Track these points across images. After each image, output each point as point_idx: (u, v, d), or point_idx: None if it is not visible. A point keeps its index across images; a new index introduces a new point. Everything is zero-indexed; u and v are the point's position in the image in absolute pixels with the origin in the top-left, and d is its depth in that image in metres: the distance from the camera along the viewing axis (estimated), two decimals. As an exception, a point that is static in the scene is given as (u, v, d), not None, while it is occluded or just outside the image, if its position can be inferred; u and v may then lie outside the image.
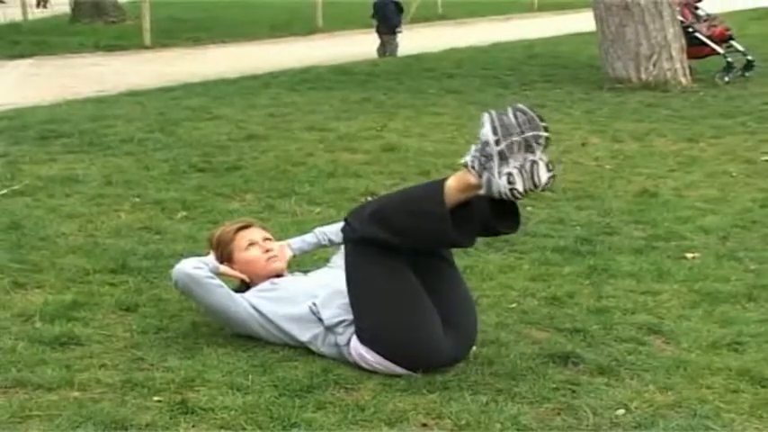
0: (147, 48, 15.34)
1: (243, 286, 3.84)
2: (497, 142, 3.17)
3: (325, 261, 4.16)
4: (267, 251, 3.85)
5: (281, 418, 3.03)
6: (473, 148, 3.24)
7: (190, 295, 3.70)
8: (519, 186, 3.17)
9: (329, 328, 3.51)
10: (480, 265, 4.65)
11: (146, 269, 4.45)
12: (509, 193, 3.18)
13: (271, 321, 3.61)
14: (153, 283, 4.28)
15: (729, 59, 11.35)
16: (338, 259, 3.92)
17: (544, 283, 4.44)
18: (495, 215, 3.34)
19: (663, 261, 4.80)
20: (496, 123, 3.19)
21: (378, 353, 3.40)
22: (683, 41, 11.00)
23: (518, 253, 4.89)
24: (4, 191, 5.81)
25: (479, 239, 5.00)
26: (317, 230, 4.12)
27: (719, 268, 4.70)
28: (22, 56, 14.04)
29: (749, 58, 11.44)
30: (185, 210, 5.53)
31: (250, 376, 3.33)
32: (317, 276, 3.83)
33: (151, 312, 3.94)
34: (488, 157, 3.19)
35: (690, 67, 11.06)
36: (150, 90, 10.28)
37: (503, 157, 3.17)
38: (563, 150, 7.45)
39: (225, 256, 3.84)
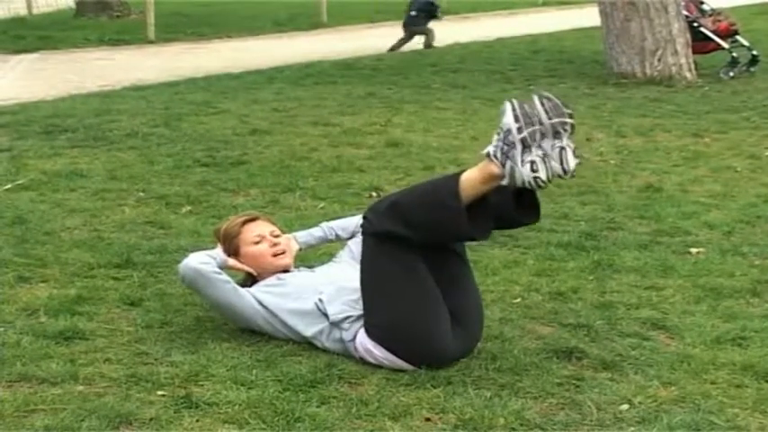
0: (151, 42, 15.32)
1: (249, 279, 3.84)
2: (519, 130, 3.17)
3: (330, 256, 4.15)
4: (274, 246, 3.84)
5: (285, 412, 3.04)
6: (495, 137, 3.23)
7: (196, 290, 3.71)
8: (542, 175, 3.16)
9: (335, 324, 3.51)
10: (485, 260, 4.65)
11: (150, 264, 4.46)
12: (533, 182, 3.17)
13: (276, 316, 3.61)
14: (157, 278, 4.29)
15: (734, 54, 11.33)
16: (344, 254, 3.92)
17: (548, 278, 4.44)
18: (516, 206, 3.35)
19: (667, 256, 4.79)
20: (518, 111, 3.19)
21: (386, 348, 3.40)
22: (688, 36, 10.98)
23: (522, 248, 4.89)
24: (9, 185, 5.82)
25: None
26: (324, 225, 4.12)
27: (724, 263, 4.69)
28: (26, 50, 14.03)
29: (754, 53, 11.41)
30: (190, 204, 5.53)
31: (254, 371, 3.33)
32: (323, 272, 3.83)
33: (155, 307, 3.95)
34: (511, 146, 3.18)
35: (694, 62, 11.04)
36: (154, 85, 10.28)
37: (525, 145, 3.17)
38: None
39: (232, 249, 3.82)
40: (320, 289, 3.61)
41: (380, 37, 15.29)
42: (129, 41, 15.33)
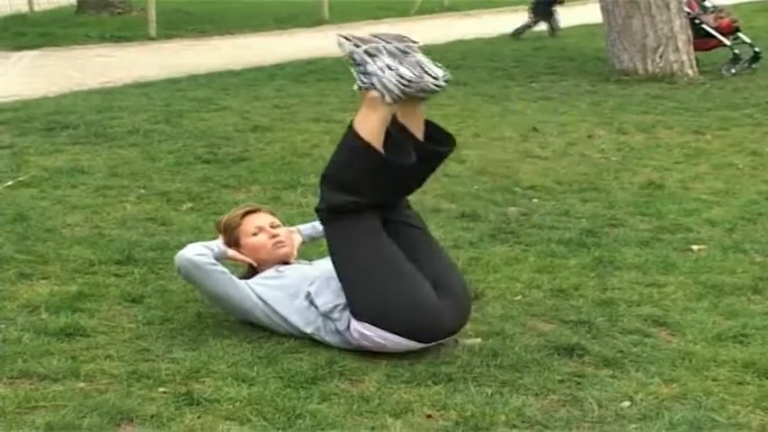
0: (152, 39, 15.28)
1: (250, 271, 3.84)
2: (357, 46, 3.41)
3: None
4: (274, 237, 3.85)
5: (286, 409, 3.04)
6: (353, 72, 3.44)
7: (192, 282, 3.71)
8: (404, 72, 3.35)
9: (325, 315, 3.52)
10: (486, 257, 4.65)
11: (151, 260, 4.46)
12: (403, 82, 3.36)
13: (275, 311, 3.61)
14: (158, 275, 4.29)
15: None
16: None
17: (549, 275, 4.44)
18: (428, 142, 3.56)
19: (668, 253, 4.79)
20: (352, 39, 3.43)
21: (376, 326, 3.42)
22: (690, 33, 10.97)
23: (524, 245, 4.89)
24: (10, 182, 5.82)
25: (484, 231, 5.03)
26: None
27: (725, 260, 4.69)
28: (27, 47, 14.00)
29: (756, 49, 11.40)
30: (191, 201, 5.53)
31: (255, 367, 3.33)
32: (320, 265, 3.83)
33: (156, 303, 3.95)
34: (363, 64, 3.40)
35: (696, 59, 11.03)
36: (156, 81, 10.27)
37: (372, 54, 3.39)
38: (569, 142, 7.44)
39: (232, 240, 3.84)
40: (312, 282, 3.62)
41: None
42: (130, 38, 15.30)
